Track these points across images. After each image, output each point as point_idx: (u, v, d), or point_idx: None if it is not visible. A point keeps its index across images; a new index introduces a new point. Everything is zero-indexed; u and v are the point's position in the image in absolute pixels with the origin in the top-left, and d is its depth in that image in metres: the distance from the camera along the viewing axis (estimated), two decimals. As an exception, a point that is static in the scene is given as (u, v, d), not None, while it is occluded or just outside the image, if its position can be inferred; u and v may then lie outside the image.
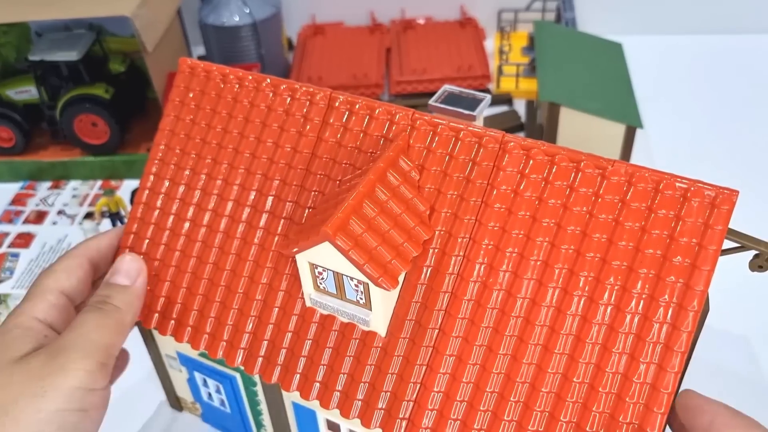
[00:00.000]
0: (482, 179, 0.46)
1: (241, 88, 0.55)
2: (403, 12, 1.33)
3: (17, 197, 1.05)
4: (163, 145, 0.57)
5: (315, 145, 0.52)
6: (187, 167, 0.56)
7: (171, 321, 0.55)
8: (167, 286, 0.55)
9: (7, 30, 1.09)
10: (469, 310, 0.45)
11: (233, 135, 0.55)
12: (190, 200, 0.55)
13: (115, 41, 1.10)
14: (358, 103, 0.52)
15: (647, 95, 0.99)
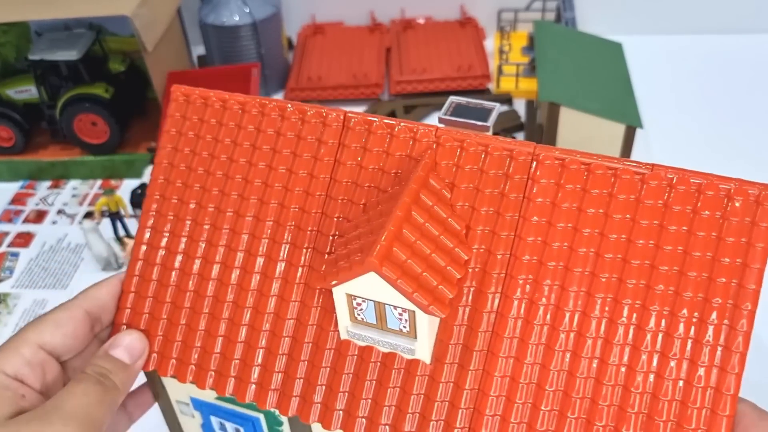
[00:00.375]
0: (517, 193, 0.45)
1: (245, 113, 0.52)
2: (403, 12, 1.33)
3: (17, 197, 1.05)
4: (162, 179, 0.53)
5: (333, 168, 0.49)
6: (191, 201, 0.52)
7: (190, 366, 0.51)
8: (182, 329, 0.51)
9: (7, 29, 1.09)
10: (517, 328, 0.44)
11: (241, 164, 0.51)
12: (198, 237, 0.51)
13: (115, 41, 1.10)
14: (375, 122, 0.49)
15: (647, 95, 0.99)
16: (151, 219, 0.53)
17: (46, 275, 0.90)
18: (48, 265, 0.92)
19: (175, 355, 0.51)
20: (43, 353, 0.48)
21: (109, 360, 0.48)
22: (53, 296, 0.87)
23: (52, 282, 0.89)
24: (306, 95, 1.17)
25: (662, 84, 1.17)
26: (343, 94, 1.16)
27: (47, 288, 0.88)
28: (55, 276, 0.90)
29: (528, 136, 1.05)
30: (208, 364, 0.50)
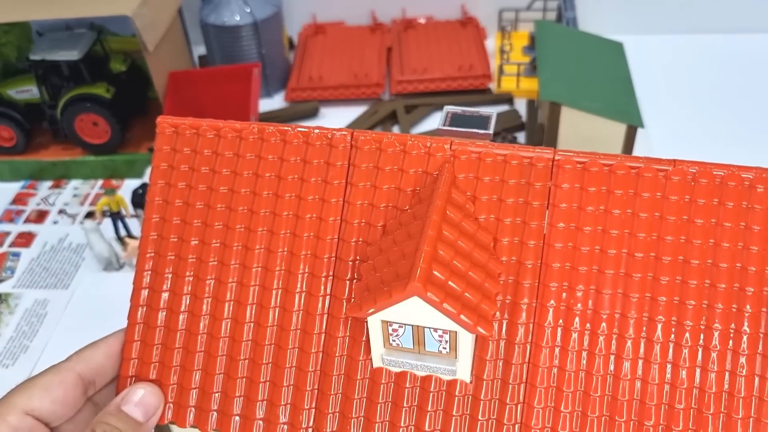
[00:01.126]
0: (540, 200, 0.45)
1: (242, 140, 0.49)
2: (404, 11, 1.33)
3: (18, 197, 1.05)
4: (158, 217, 0.49)
5: (345, 191, 0.47)
6: (192, 238, 0.49)
7: (211, 413, 0.48)
8: (198, 375, 0.48)
9: (9, 29, 1.10)
10: (557, 336, 0.43)
11: (243, 194, 0.48)
12: (204, 275, 0.48)
13: (116, 41, 1.10)
14: (385, 138, 0.47)
15: (648, 95, 0.99)
16: (149, 261, 0.49)
17: (47, 275, 0.90)
18: (49, 265, 0.92)
19: (193, 403, 0.48)
20: (31, 420, 0.44)
21: (121, 418, 0.45)
22: (54, 296, 0.87)
23: (54, 282, 0.89)
24: (307, 95, 1.17)
25: (663, 83, 1.16)
26: (344, 94, 1.16)
27: (48, 288, 0.88)
28: (57, 276, 0.90)
29: (529, 136, 1.05)
30: (231, 409, 0.47)
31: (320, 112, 1.16)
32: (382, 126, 1.11)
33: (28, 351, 0.80)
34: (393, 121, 1.12)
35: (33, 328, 0.83)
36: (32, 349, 0.80)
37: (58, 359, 0.80)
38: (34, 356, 0.79)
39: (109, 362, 0.48)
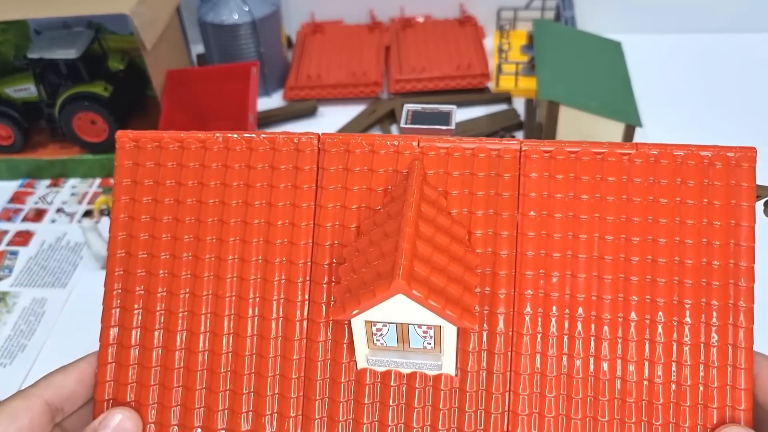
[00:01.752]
0: (510, 191, 0.46)
1: (207, 150, 0.48)
2: (403, 10, 1.33)
3: (16, 195, 1.05)
4: (124, 234, 0.48)
5: (316, 195, 0.47)
6: (162, 253, 0.48)
7: (195, 429, 0.47)
8: (179, 392, 0.47)
9: (6, 28, 1.09)
10: (537, 323, 0.44)
11: (212, 205, 0.48)
12: (177, 290, 0.47)
13: (114, 39, 1.10)
14: (353, 140, 0.47)
15: (646, 94, 0.99)
16: (118, 280, 0.48)
17: (45, 274, 0.90)
18: (47, 263, 0.92)
19: (176, 422, 0.47)
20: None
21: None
22: (52, 295, 0.87)
23: (51, 280, 0.89)
24: (305, 94, 1.17)
25: (661, 83, 1.17)
26: (342, 93, 1.16)
27: (46, 287, 0.88)
28: (54, 274, 0.90)
29: (527, 135, 1.05)
30: (215, 424, 0.46)
31: (318, 110, 1.16)
32: (381, 125, 1.11)
33: (26, 350, 0.80)
34: (391, 120, 1.12)
35: (31, 327, 0.83)
36: (30, 348, 0.80)
37: (56, 358, 0.79)
38: (31, 355, 0.79)
39: (80, 388, 0.46)
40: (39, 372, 0.77)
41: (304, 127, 1.13)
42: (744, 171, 0.44)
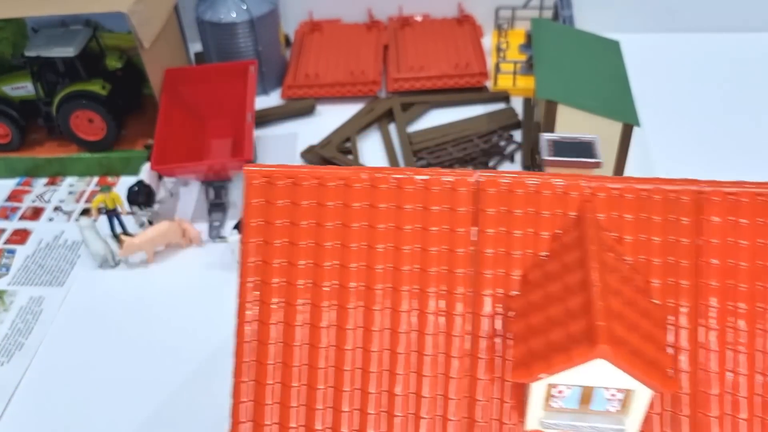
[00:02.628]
0: (689, 237, 0.42)
1: (349, 188, 0.44)
2: (401, 9, 1.33)
3: (13, 193, 1.04)
4: (256, 280, 0.45)
5: (477, 239, 0.44)
6: (298, 301, 0.44)
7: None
8: None
9: (4, 25, 1.09)
10: (723, 382, 0.41)
11: (357, 249, 0.44)
12: (317, 342, 0.43)
13: (111, 37, 1.10)
14: (504, 178, 0.43)
15: (644, 93, 0.99)
16: (250, 333, 0.44)
17: (42, 272, 0.90)
18: (44, 262, 0.91)
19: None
20: None
21: None
22: (50, 293, 0.87)
23: (49, 279, 0.89)
24: (303, 92, 1.17)
25: (659, 82, 1.17)
26: (340, 92, 1.16)
27: (44, 285, 0.88)
28: (52, 273, 0.90)
29: (525, 134, 1.05)
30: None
31: (316, 109, 1.16)
32: (379, 124, 1.11)
33: (23, 348, 0.80)
34: (389, 119, 1.12)
35: (28, 326, 0.82)
36: (27, 347, 0.80)
37: (54, 357, 0.80)
38: (29, 354, 0.79)
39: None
40: (37, 370, 0.77)
41: (302, 125, 1.13)
42: None
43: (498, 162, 1.01)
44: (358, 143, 1.06)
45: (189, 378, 0.75)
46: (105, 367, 0.76)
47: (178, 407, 0.72)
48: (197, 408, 0.71)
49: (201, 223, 0.94)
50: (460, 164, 1.00)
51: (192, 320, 0.81)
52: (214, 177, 0.95)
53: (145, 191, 0.92)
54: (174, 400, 0.73)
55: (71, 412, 0.72)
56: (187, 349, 0.78)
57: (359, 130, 1.09)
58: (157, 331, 0.80)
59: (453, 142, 1.04)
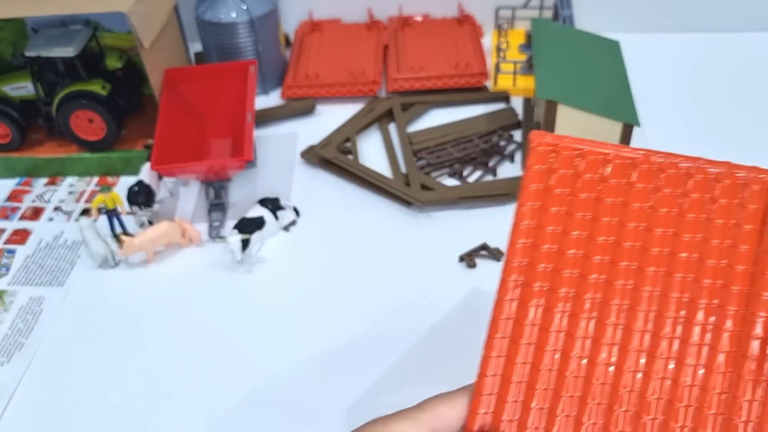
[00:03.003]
0: None
1: (635, 169, 0.44)
2: (401, 9, 1.33)
3: (13, 193, 1.04)
4: (525, 242, 0.45)
5: (761, 238, 0.42)
6: (565, 270, 0.44)
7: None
8: (564, 421, 0.43)
9: (3, 25, 1.09)
10: None
11: (633, 229, 0.44)
12: (578, 311, 0.43)
13: (111, 37, 1.10)
14: None
15: (644, 93, 0.99)
16: (513, 287, 0.45)
17: (42, 272, 0.90)
18: (44, 262, 0.91)
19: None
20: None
21: None
22: (50, 293, 0.87)
23: (49, 279, 0.89)
24: (303, 92, 1.17)
25: (659, 82, 1.17)
26: (340, 92, 1.16)
27: (44, 285, 0.88)
28: (52, 273, 0.90)
29: (525, 134, 1.05)
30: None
31: (317, 109, 1.16)
32: (379, 124, 1.11)
33: (23, 348, 0.80)
34: (389, 119, 1.12)
35: (28, 326, 0.82)
36: (27, 347, 0.80)
37: (55, 357, 0.80)
38: (29, 353, 0.79)
39: (459, 423, 0.44)
40: (37, 370, 0.77)
41: (302, 125, 1.13)
42: None
43: (498, 162, 1.01)
44: (358, 143, 1.07)
45: (189, 377, 0.75)
46: (105, 366, 0.77)
47: (178, 406, 0.72)
48: (196, 408, 0.72)
49: (201, 223, 0.94)
50: (460, 164, 1.00)
51: (192, 320, 0.81)
52: (214, 177, 0.95)
53: (145, 191, 0.92)
54: (174, 399, 0.73)
55: (71, 411, 0.72)
56: (186, 348, 0.78)
57: (359, 130, 1.09)
58: (156, 330, 0.80)
59: (453, 142, 1.04)
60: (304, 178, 1.02)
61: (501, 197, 0.94)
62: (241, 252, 0.86)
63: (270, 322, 0.80)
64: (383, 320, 0.79)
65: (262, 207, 0.90)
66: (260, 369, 0.75)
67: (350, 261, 0.87)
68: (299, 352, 0.76)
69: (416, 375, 0.73)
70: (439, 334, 0.77)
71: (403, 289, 0.83)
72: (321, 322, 0.79)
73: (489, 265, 0.85)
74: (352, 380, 0.73)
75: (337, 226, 0.93)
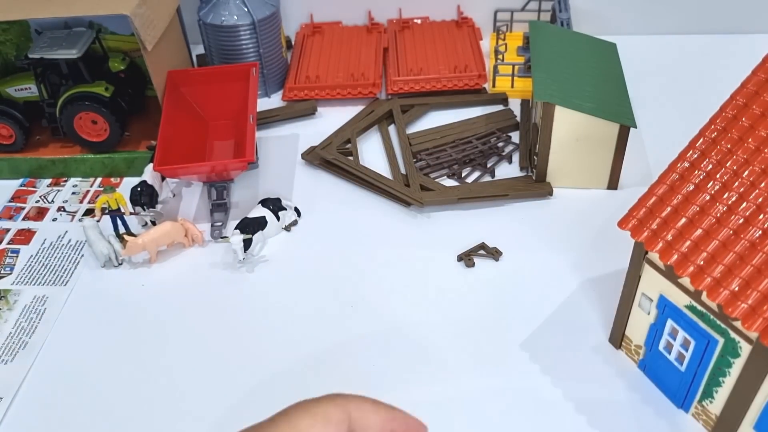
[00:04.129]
0: None
1: None
2: (401, 12, 1.34)
3: (17, 194, 1.05)
4: (732, 114, 0.60)
5: None
6: (751, 142, 0.57)
7: (691, 266, 0.55)
8: (698, 234, 0.56)
9: (7, 27, 1.10)
10: None
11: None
12: (740, 173, 0.57)
13: (114, 40, 1.11)
14: None
15: (641, 95, 1.00)
16: (702, 142, 0.60)
17: (46, 272, 0.91)
18: (48, 261, 0.92)
19: (683, 250, 0.56)
20: None
21: None
22: (53, 292, 0.88)
23: (53, 279, 0.90)
24: (304, 94, 1.18)
25: (656, 84, 1.18)
26: (341, 94, 1.17)
27: (47, 284, 0.89)
28: (56, 273, 0.91)
29: (523, 136, 1.06)
30: (712, 271, 0.54)
31: (317, 111, 1.17)
32: (379, 125, 1.12)
33: (27, 347, 0.81)
34: (389, 120, 1.13)
35: (32, 325, 0.83)
36: (31, 345, 0.81)
37: (58, 356, 0.81)
38: (33, 352, 0.80)
39: (377, 429, 0.43)
40: (40, 369, 0.78)
41: (303, 127, 1.14)
42: None
43: (496, 163, 1.02)
44: (359, 144, 1.07)
45: (192, 376, 0.76)
46: (107, 365, 0.77)
47: (181, 404, 0.73)
48: (199, 405, 0.72)
49: (203, 223, 0.95)
50: (458, 165, 1.01)
51: (194, 319, 0.82)
52: (216, 178, 0.96)
53: (148, 192, 0.92)
54: (177, 397, 0.73)
55: (74, 410, 0.73)
56: (189, 347, 0.79)
57: (359, 132, 1.10)
58: (159, 329, 0.81)
59: (452, 144, 1.05)
60: (305, 178, 1.03)
61: (499, 198, 0.95)
62: (243, 252, 0.86)
63: (271, 321, 0.81)
64: (383, 319, 0.80)
65: (263, 207, 0.91)
66: (261, 367, 0.76)
67: (350, 260, 0.88)
68: (300, 350, 0.77)
69: (416, 374, 0.74)
70: (439, 333, 0.78)
71: (403, 289, 0.84)
72: (321, 322, 0.80)
73: (487, 265, 0.86)
74: (353, 379, 0.73)
75: (338, 226, 0.94)
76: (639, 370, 0.71)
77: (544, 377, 0.72)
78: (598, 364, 0.73)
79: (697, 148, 0.61)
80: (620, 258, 0.85)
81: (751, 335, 0.54)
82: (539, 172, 0.96)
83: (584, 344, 0.75)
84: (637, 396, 0.69)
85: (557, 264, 0.85)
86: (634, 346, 0.71)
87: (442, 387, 0.72)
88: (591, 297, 0.81)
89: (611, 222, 0.91)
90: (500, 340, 0.76)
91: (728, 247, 0.54)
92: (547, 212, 0.93)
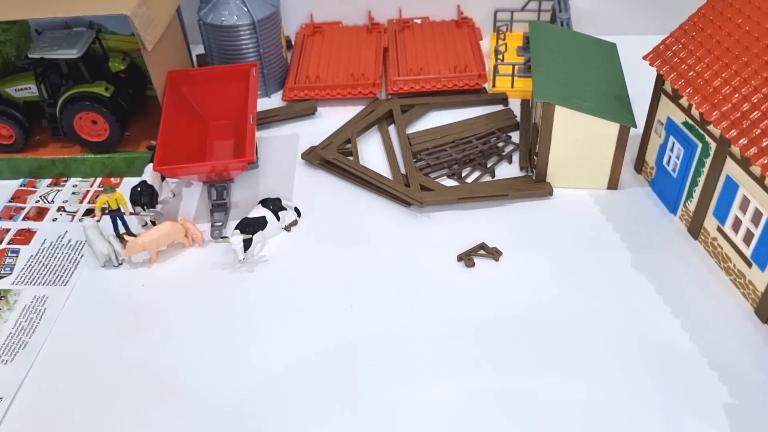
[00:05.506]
0: None
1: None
2: (401, 12, 1.34)
3: (17, 194, 1.05)
4: None
5: None
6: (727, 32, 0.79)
7: (689, 87, 0.78)
8: (700, 66, 0.79)
9: (8, 27, 1.10)
10: None
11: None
12: None
13: (114, 39, 1.11)
14: None
15: (641, 95, 1.00)
16: None
17: (46, 272, 0.91)
18: (48, 261, 0.92)
19: (689, 75, 0.80)
20: None
21: None
22: (54, 292, 0.88)
23: (52, 278, 0.90)
24: (304, 94, 1.18)
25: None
26: (341, 94, 1.17)
27: (47, 284, 0.89)
28: (56, 273, 0.91)
29: (523, 135, 1.06)
30: (705, 92, 0.75)
31: (317, 111, 1.17)
32: (379, 125, 1.12)
33: (27, 347, 0.81)
34: (389, 120, 1.13)
35: (32, 325, 0.83)
36: (31, 345, 0.81)
37: (58, 355, 0.81)
38: (33, 352, 0.80)
39: None
40: (40, 369, 0.78)
41: (303, 127, 1.14)
42: None
43: (496, 163, 1.02)
44: (359, 144, 1.08)
45: (192, 375, 0.76)
46: (107, 365, 0.77)
47: (181, 404, 0.73)
48: (199, 405, 0.72)
49: (203, 223, 0.95)
50: (458, 165, 1.01)
51: (194, 319, 0.82)
52: (216, 178, 0.96)
53: (148, 192, 0.93)
54: (175, 398, 0.73)
55: (74, 410, 0.73)
56: (189, 347, 0.79)
57: (359, 132, 1.10)
58: (159, 329, 0.81)
59: (452, 144, 1.05)
60: (305, 178, 1.03)
61: (499, 198, 0.95)
62: (243, 252, 0.87)
63: (271, 321, 0.81)
64: (383, 319, 0.80)
65: (263, 207, 0.92)
66: (261, 367, 0.76)
67: (351, 260, 0.88)
68: (300, 350, 0.77)
69: (416, 373, 0.74)
70: (439, 333, 0.78)
71: (403, 288, 0.84)
72: (322, 321, 0.80)
73: (487, 265, 0.86)
74: (353, 379, 0.74)
75: (338, 226, 0.94)
76: (649, 187, 0.94)
77: (544, 377, 0.72)
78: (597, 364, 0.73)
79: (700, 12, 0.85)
80: (620, 258, 0.86)
81: (716, 132, 0.74)
82: (539, 172, 0.96)
83: (584, 344, 0.75)
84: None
85: (557, 264, 0.86)
86: (650, 168, 0.94)
87: (442, 387, 0.72)
88: (591, 297, 0.81)
89: (611, 222, 0.91)
90: (500, 340, 0.76)
91: (719, 73, 0.74)
92: (547, 212, 0.93)
